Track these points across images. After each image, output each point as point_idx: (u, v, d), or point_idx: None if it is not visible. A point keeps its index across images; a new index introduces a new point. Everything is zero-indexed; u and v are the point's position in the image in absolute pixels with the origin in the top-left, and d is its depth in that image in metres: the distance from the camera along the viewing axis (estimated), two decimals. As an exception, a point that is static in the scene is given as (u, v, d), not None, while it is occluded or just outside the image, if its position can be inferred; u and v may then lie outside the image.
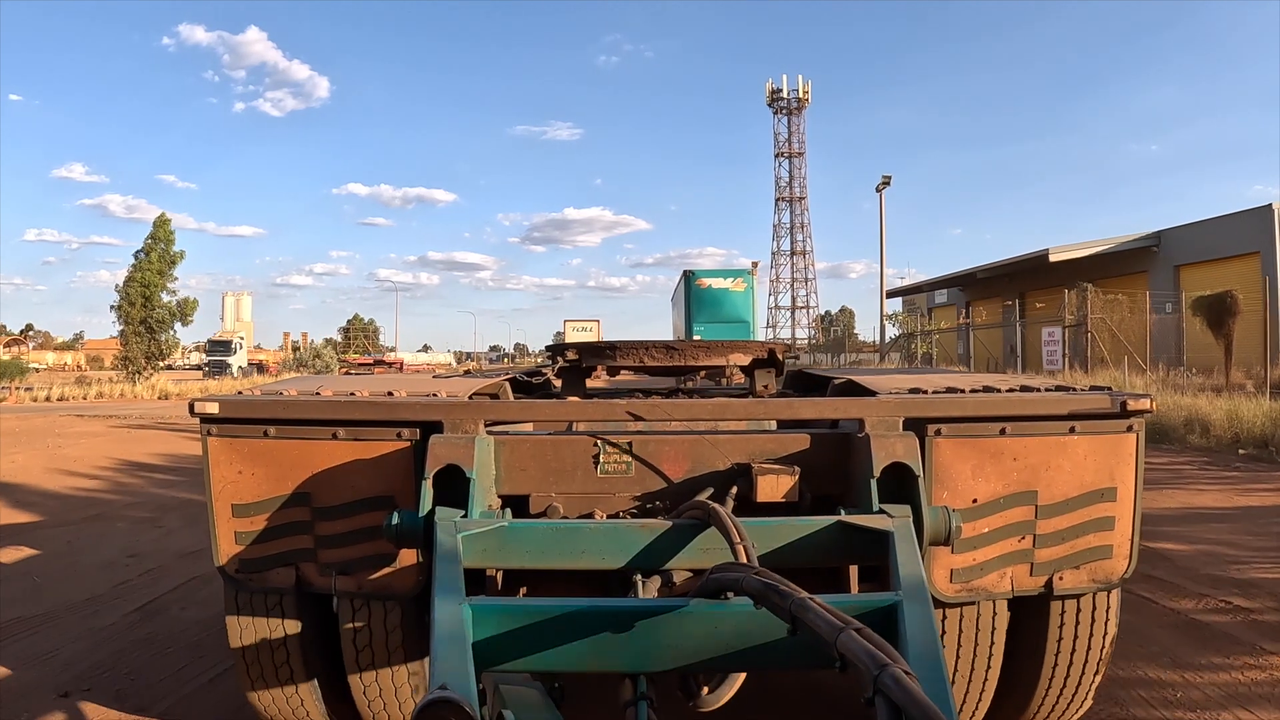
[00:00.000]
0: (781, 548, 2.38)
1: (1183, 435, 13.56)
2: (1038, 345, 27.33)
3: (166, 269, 37.82)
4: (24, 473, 11.01)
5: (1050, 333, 26.11)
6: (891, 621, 1.94)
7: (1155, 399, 2.74)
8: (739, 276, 30.20)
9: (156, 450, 13.71)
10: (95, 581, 5.94)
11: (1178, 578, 5.68)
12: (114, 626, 4.97)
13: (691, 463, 2.79)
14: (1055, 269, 33.22)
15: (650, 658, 2.07)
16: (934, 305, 48.93)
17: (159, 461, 12.32)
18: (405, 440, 2.70)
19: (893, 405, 2.70)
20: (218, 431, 2.76)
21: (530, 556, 2.44)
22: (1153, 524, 7.01)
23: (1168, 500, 8.67)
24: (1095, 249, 32.96)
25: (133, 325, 37.03)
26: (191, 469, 11.37)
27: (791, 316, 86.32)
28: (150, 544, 7.16)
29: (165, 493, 9.80)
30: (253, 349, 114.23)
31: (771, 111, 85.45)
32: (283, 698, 2.99)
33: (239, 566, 2.76)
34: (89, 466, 11.70)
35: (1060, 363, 25.20)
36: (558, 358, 4.12)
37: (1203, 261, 29.76)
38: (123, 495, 9.66)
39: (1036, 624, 2.88)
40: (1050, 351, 25.61)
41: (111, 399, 31.58)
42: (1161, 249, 32.07)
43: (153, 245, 38.03)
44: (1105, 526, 2.69)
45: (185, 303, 39.25)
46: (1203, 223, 30.54)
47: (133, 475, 11.19)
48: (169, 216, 39.30)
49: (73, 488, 10.15)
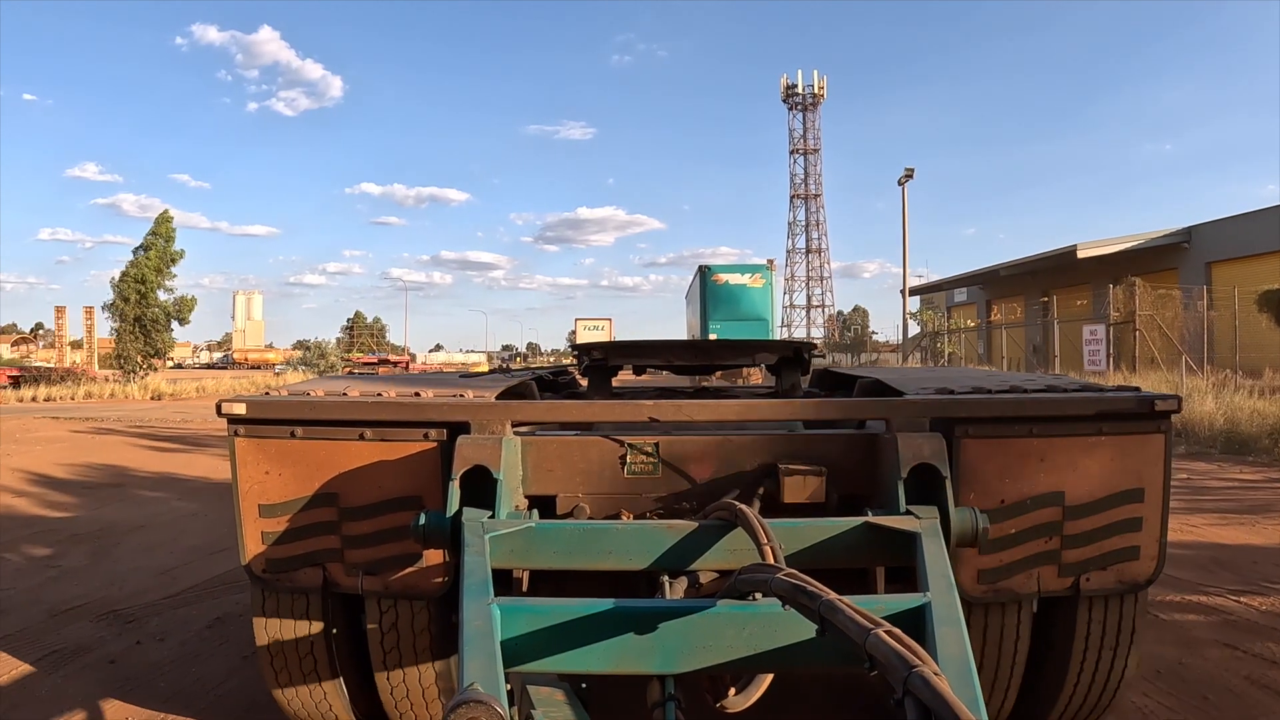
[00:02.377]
0: (808, 548, 2.39)
1: (1269, 447, 11.80)
2: (1067, 344, 25.57)
3: (165, 267, 36.25)
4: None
5: (1093, 331, 24.32)
6: (920, 622, 1.97)
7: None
8: (757, 272, 28.77)
9: (110, 461, 12.38)
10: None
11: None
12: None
13: (718, 463, 2.80)
14: (1082, 266, 32.86)
15: (678, 659, 2.09)
16: (952, 304, 48.45)
17: (103, 478, 10.73)
18: (432, 441, 2.70)
19: (920, 406, 2.70)
20: (245, 432, 2.76)
21: (557, 557, 2.47)
22: (1243, 567, 5.88)
23: (1265, 534, 7.03)
24: (1124, 245, 32.43)
25: (127, 323, 35.45)
26: (141, 485, 10.21)
27: (807, 315, 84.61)
28: (24, 595, 5.52)
29: (90, 516, 8.32)
30: (264, 348, 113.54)
31: (786, 107, 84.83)
32: (309, 697, 2.99)
33: (266, 566, 2.77)
34: (19, 481, 10.13)
35: (1104, 363, 23.40)
36: (584, 357, 4.16)
37: (1236, 258, 29.17)
38: (31, 521, 8.06)
39: (1063, 625, 2.87)
40: (1093, 351, 23.81)
41: (101, 399, 30.48)
42: (1193, 245, 31.51)
43: (153, 241, 36.71)
44: (1133, 528, 2.68)
45: (183, 301, 37.92)
46: (1235, 218, 29.99)
47: (64, 493, 9.65)
48: (172, 214, 38.26)
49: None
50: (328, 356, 51.70)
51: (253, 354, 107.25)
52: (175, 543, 7.10)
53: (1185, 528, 7.12)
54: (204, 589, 5.67)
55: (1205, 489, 9.39)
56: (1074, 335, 26.64)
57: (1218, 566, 5.94)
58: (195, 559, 6.50)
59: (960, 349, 37.35)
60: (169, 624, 4.92)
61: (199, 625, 4.91)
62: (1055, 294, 30.44)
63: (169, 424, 19.01)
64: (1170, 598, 5.17)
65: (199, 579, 5.90)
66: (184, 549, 6.86)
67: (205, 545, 6.93)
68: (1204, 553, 6.33)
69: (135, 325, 36.21)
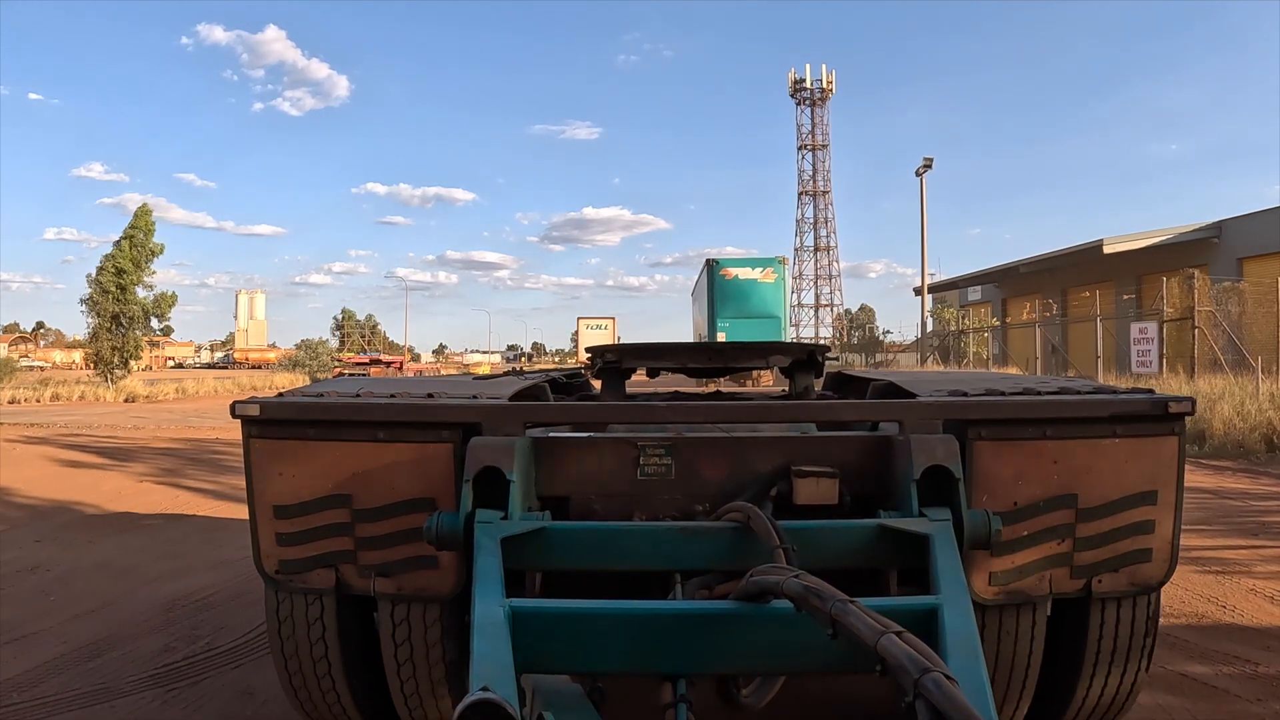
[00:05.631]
0: (821, 551, 2.45)
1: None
2: (1086, 343, 23.60)
3: (144, 261, 34.26)
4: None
5: (1142, 329, 22.27)
6: (932, 625, 2.02)
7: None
8: (769, 266, 26.92)
9: (18, 477, 10.72)
10: None
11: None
12: None
13: (731, 465, 2.85)
14: (1107, 262, 31.81)
15: (690, 660, 2.14)
16: (966, 302, 47.42)
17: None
18: (446, 442, 2.75)
19: (933, 408, 2.75)
20: (259, 433, 2.81)
21: (570, 558, 2.54)
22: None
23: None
24: (1152, 240, 31.35)
25: (103, 320, 33.49)
26: (37, 510, 8.78)
27: (815, 314, 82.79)
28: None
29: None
30: (266, 348, 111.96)
31: (794, 103, 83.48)
32: (321, 697, 3.04)
33: (279, 567, 2.83)
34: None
35: (1155, 364, 21.33)
36: (597, 359, 4.21)
37: (1269, 254, 28.06)
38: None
39: (1075, 627, 2.90)
40: (1142, 351, 21.73)
41: (69, 402, 28.93)
42: (1223, 239, 30.48)
43: (132, 235, 34.66)
44: (1145, 530, 2.72)
45: (163, 298, 36.10)
46: (1268, 212, 29.03)
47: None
48: (150, 206, 36.82)
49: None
50: (320, 356, 49.77)
51: (254, 354, 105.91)
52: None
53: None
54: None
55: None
56: (1094, 334, 25.60)
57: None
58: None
59: (983, 349, 35.52)
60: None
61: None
62: (1073, 292, 28.64)
63: (117, 431, 17.49)
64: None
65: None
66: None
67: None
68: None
69: (113, 323, 34.16)
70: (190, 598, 5.55)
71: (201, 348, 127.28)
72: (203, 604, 5.43)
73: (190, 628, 4.94)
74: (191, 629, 4.92)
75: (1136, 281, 31.40)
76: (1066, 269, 35.97)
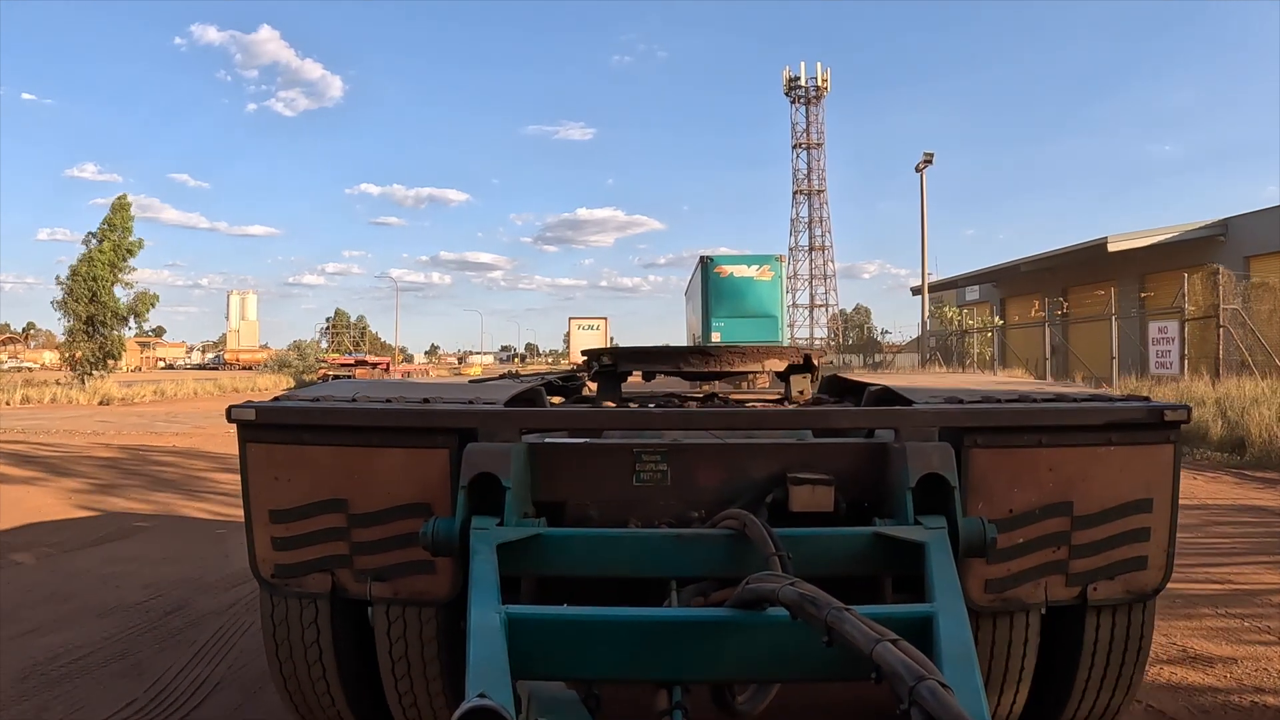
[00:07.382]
0: (817, 558, 2.45)
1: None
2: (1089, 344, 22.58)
3: (120, 260, 33.04)
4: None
5: (1162, 328, 21.32)
6: (927, 633, 2.03)
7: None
8: (765, 264, 25.87)
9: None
10: None
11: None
12: None
13: (727, 472, 2.85)
14: (1111, 260, 31.13)
15: (685, 667, 2.15)
16: (963, 302, 46.83)
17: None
18: (442, 447, 2.74)
19: (929, 415, 2.75)
20: (254, 438, 2.80)
21: (566, 565, 2.54)
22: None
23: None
24: (1157, 238, 30.80)
25: (78, 322, 32.30)
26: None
27: (810, 315, 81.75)
28: None
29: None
30: (257, 348, 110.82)
31: (789, 101, 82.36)
32: (316, 701, 3.03)
33: (275, 572, 2.83)
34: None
35: (1176, 365, 20.31)
36: (594, 363, 4.22)
37: (1277, 251, 27.52)
38: None
39: (1071, 634, 2.91)
40: (1162, 352, 20.78)
41: (40, 404, 27.82)
42: (1229, 237, 29.98)
43: (108, 232, 33.49)
44: (1140, 538, 2.73)
45: (142, 297, 34.75)
46: (1275, 209, 28.50)
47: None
48: (129, 200, 35.47)
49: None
50: (306, 357, 48.70)
51: (244, 354, 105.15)
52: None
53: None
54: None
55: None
56: (1101, 334, 24.94)
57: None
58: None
59: (987, 349, 34.57)
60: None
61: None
62: (1074, 292, 27.79)
63: (73, 437, 16.21)
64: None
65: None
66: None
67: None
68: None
69: (87, 324, 32.95)
70: (59, 660, 4.49)
71: (193, 349, 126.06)
72: (70, 669, 4.36)
73: (37, 710, 3.84)
74: (37, 712, 3.80)
75: (1140, 280, 30.99)
76: (1068, 268, 35.54)
